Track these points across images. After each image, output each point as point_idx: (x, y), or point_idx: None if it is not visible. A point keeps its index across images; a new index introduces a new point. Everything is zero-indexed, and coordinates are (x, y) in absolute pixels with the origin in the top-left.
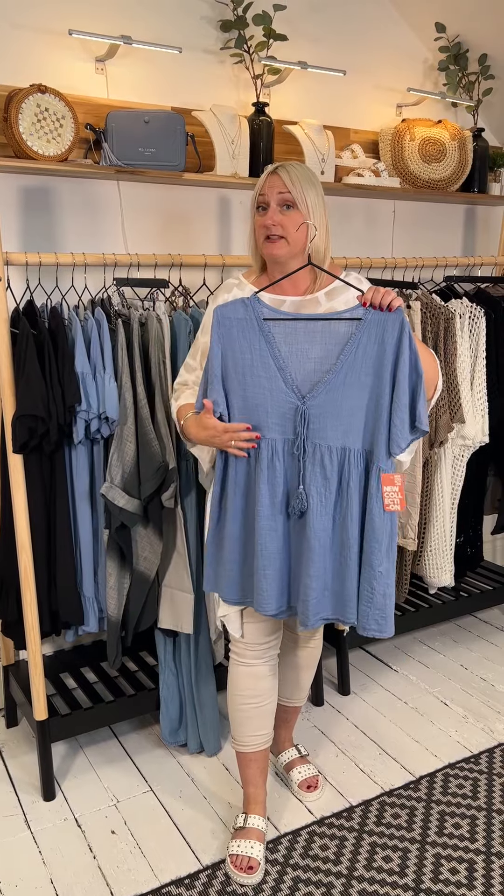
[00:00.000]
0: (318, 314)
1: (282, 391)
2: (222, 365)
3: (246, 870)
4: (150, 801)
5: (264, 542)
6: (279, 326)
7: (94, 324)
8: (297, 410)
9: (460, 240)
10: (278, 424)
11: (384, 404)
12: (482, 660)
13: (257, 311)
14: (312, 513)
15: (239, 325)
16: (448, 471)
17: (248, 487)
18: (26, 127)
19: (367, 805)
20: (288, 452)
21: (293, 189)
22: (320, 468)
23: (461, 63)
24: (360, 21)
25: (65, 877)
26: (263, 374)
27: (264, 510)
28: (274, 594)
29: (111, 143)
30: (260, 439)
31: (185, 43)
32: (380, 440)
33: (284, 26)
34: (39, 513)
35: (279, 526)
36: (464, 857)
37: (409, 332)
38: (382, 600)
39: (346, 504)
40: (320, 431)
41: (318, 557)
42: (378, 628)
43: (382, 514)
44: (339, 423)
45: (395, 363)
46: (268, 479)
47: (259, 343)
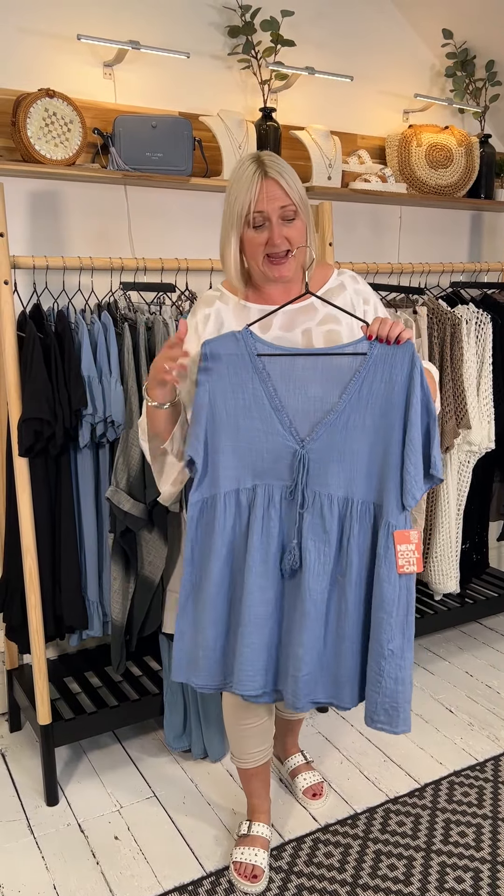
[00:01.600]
0: (319, 350)
1: (278, 433)
2: (210, 408)
3: (250, 878)
4: (154, 806)
5: (252, 604)
6: (275, 362)
7: (100, 328)
8: (295, 455)
9: (466, 245)
10: (275, 470)
11: (394, 451)
12: (488, 667)
13: (250, 346)
14: (309, 571)
15: (229, 363)
16: (454, 477)
17: (235, 544)
18: (34, 131)
19: (371, 812)
20: (286, 501)
21: (293, 195)
22: (319, 519)
23: (468, 69)
24: (367, 27)
25: (68, 883)
26: (257, 416)
27: (256, 566)
28: (259, 669)
29: (119, 147)
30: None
31: (192, 48)
32: (389, 492)
33: (292, 32)
34: (44, 516)
35: (271, 585)
36: (469, 866)
37: (421, 369)
38: (393, 686)
39: (346, 565)
40: (321, 478)
41: (312, 624)
42: (388, 721)
43: (394, 580)
44: (341, 469)
45: (405, 404)
46: (262, 530)
47: (252, 382)
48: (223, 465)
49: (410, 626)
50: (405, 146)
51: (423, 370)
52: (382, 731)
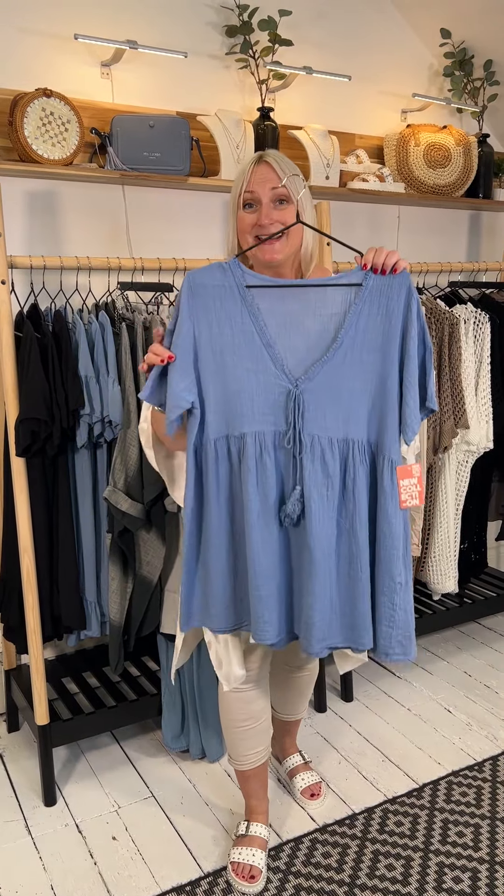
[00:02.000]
0: (312, 280)
1: (270, 373)
2: (195, 343)
3: (248, 878)
4: (152, 807)
5: (256, 558)
6: (265, 295)
7: (97, 327)
8: (289, 395)
9: (465, 245)
10: (267, 414)
11: (391, 386)
12: (486, 667)
13: (238, 277)
14: (313, 518)
15: (216, 294)
16: (452, 476)
17: (234, 492)
18: (31, 131)
19: (369, 812)
20: (280, 447)
21: (286, 179)
22: (321, 464)
23: (466, 69)
24: (365, 27)
25: (65, 883)
26: (247, 353)
27: (254, 518)
28: (273, 619)
29: (116, 147)
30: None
31: (190, 48)
32: (388, 428)
33: (290, 32)
34: (42, 516)
35: (273, 537)
36: (467, 866)
37: (418, 299)
38: (405, 617)
39: (353, 507)
40: (318, 420)
41: (321, 571)
42: (402, 651)
43: (398, 514)
44: (339, 410)
45: (402, 336)
46: (257, 480)
47: (241, 315)
48: (211, 409)
49: (409, 557)
50: (403, 146)
51: (419, 300)
52: (397, 661)
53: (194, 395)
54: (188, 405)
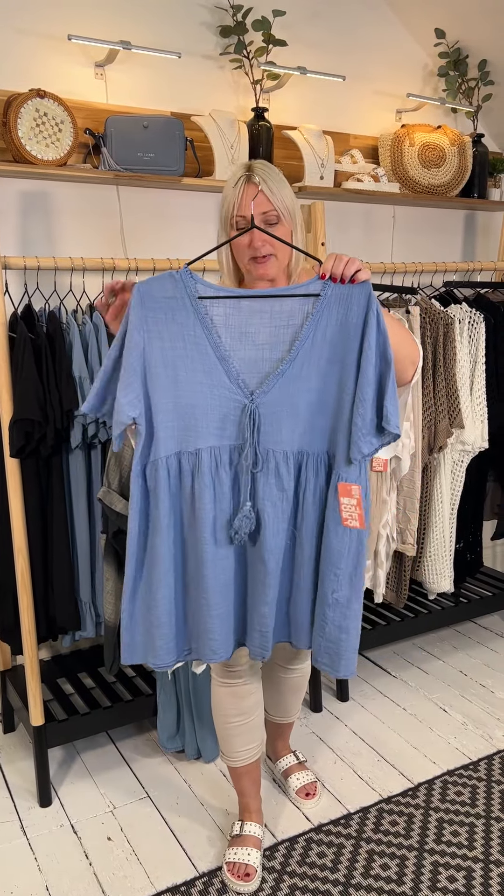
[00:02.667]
0: (267, 291)
1: (225, 387)
2: (143, 357)
3: (242, 877)
4: (147, 807)
5: (212, 575)
6: (218, 306)
7: (91, 328)
8: (244, 410)
9: (460, 245)
10: (221, 429)
11: (347, 399)
12: (482, 666)
13: (190, 288)
14: (267, 531)
15: (167, 306)
16: (447, 476)
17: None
18: (25, 131)
19: (364, 812)
20: (235, 462)
21: (276, 201)
22: (275, 479)
23: (461, 69)
24: (359, 26)
25: (60, 884)
26: (200, 367)
27: (208, 535)
28: (227, 635)
29: (110, 147)
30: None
31: (184, 48)
32: (339, 443)
33: (284, 32)
34: (36, 517)
35: (229, 553)
36: (462, 865)
37: (378, 310)
38: (336, 633)
39: (301, 518)
40: (274, 434)
41: (275, 581)
42: (330, 664)
43: (340, 532)
44: (296, 423)
45: (360, 348)
46: (214, 496)
47: (193, 328)
48: (163, 425)
49: (359, 578)
50: (398, 146)
51: (380, 312)
52: (326, 671)
53: (137, 412)
54: (129, 420)
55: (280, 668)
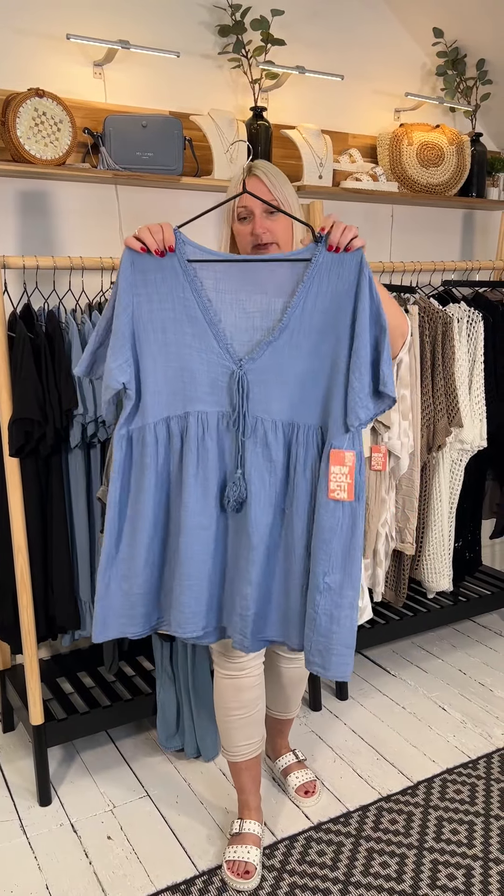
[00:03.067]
0: (258, 256)
1: (214, 352)
2: (132, 321)
3: (242, 875)
4: (147, 806)
5: (189, 544)
6: (208, 270)
7: (91, 327)
8: (232, 376)
9: (458, 244)
10: (210, 394)
11: (341, 367)
12: (481, 665)
13: (179, 251)
14: (254, 503)
15: (157, 269)
16: (446, 475)
17: (171, 478)
18: (24, 131)
19: (364, 810)
20: (223, 429)
21: (276, 191)
22: (263, 448)
23: (459, 68)
24: (357, 26)
25: (60, 882)
26: (189, 331)
27: (191, 502)
28: (199, 609)
29: (109, 147)
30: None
31: (183, 47)
32: (332, 413)
33: (282, 31)
34: (36, 516)
35: (211, 523)
36: (461, 863)
37: (370, 277)
38: (327, 624)
39: (293, 494)
40: (262, 403)
41: (259, 559)
42: (321, 663)
43: (331, 507)
44: (285, 393)
45: (353, 315)
46: (198, 462)
47: (183, 291)
48: (151, 389)
49: (354, 564)
50: (396, 145)
51: (371, 277)
52: (318, 674)
53: (127, 376)
54: (119, 385)
55: (280, 657)
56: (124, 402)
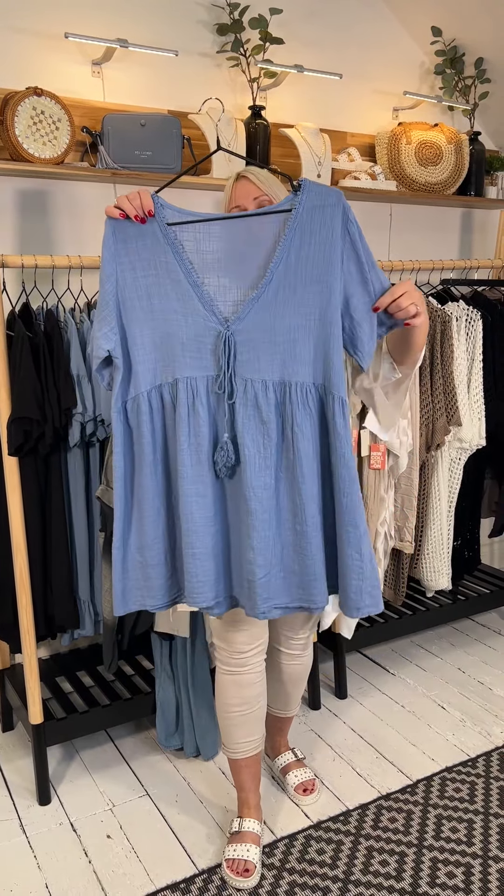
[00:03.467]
0: (236, 214)
1: (199, 314)
2: (117, 288)
3: (242, 873)
4: (146, 805)
5: (189, 512)
6: (188, 232)
7: (89, 326)
8: (219, 337)
9: (457, 243)
10: (197, 359)
11: (333, 318)
12: (480, 663)
13: (159, 215)
14: (248, 467)
15: (138, 236)
16: (445, 474)
17: (168, 446)
18: (22, 129)
19: (363, 809)
20: (212, 393)
21: (267, 189)
22: (254, 410)
23: (457, 67)
24: (356, 25)
25: (60, 881)
26: (174, 295)
27: (186, 470)
28: (208, 579)
29: (107, 145)
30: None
31: (181, 46)
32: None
33: (280, 30)
34: (35, 516)
35: (207, 490)
36: (461, 861)
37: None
38: (371, 567)
39: (293, 455)
40: (251, 363)
41: (260, 524)
42: (373, 602)
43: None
44: (275, 351)
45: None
46: (189, 429)
47: (164, 255)
48: (141, 357)
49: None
50: (395, 144)
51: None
52: (368, 614)
53: (112, 343)
54: (104, 353)
55: (282, 653)
56: (114, 374)
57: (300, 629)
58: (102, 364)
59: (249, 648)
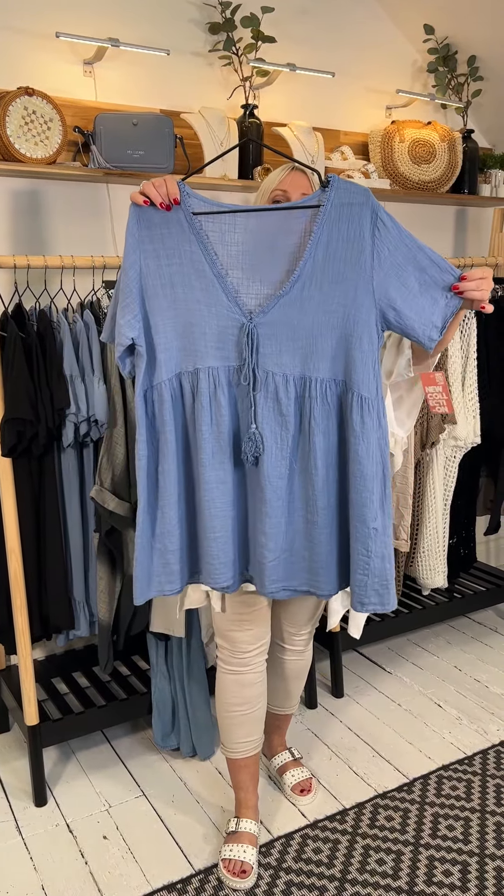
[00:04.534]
0: (264, 206)
1: (223, 305)
2: (140, 276)
3: (238, 874)
4: (143, 805)
5: (211, 498)
6: (214, 223)
7: (82, 326)
8: (242, 329)
9: (451, 241)
10: (219, 349)
11: (358, 317)
12: (476, 661)
13: (185, 203)
14: (266, 458)
15: (163, 224)
16: (440, 472)
17: (188, 434)
18: (14, 129)
19: (360, 808)
20: (234, 383)
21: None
22: (274, 402)
23: (450, 65)
24: (348, 23)
25: (56, 883)
26: (198, 284)
27: (207, 457)
28: (228, 561)
29: (100, 145)
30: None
31: (173, 45)
32: (356, 362)
33: (272, 28)
34: (29, 517)
35: (228, 476)
36: (457, 859)
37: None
38: (381, 564)
39: (309, 447)
40: (273, 356)
41: (273, 511)
42: (379, 601)
43: (373, 456)
44: (297, 347)
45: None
46: (211, 418)
47: (189, 244)
48: (163, 346)
49: (388, 500)
50: (388, 142)
51: (384, 212)
52: (374, 611)
53: (136, 331)
54: (129, 341)
55: (283, 649)
56: (137, 362)
57: (303, 625)
58: (126, 352)
59: (252, 648)
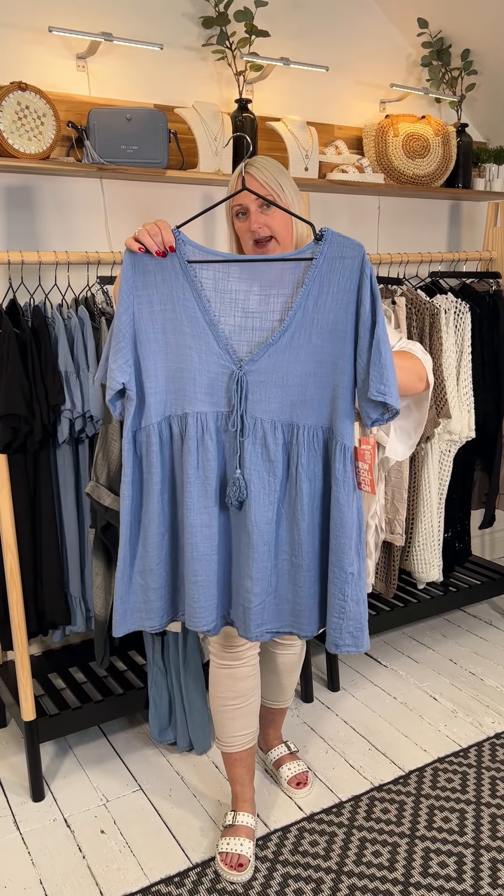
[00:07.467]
0: (258, 257)
1: (213, 352)
2: (133, 321)
3: (235, 867)
4: (140, 800)
5: (195, 542)
6: (208, 270)
7: (77, 322)
8: (231, 377)
9: (445, 235)
10: (209, 395)
11: (344, 368)
12: (471, 654)
13: (179, 251)
14: (254, 502)
15: (157, 270)
16: (435, 466)
17: (175, 476)
18: (7, 125)
19: (356, 800)
20: (222, 429)
21: (269, 185)
22: (262, 448)
23: (444, 58)
24: (342, 17)
25: (54, 877)
26: (189, 331)
27: (193, 501)
28: (210, 604)
29: (93, 140)
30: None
31: (166, 40)
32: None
33: (266, 22)
34: (24, 512)
35: (213, 521)
36: (453, 851)
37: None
38: (356, 608)
39: (295, 493)
40: (262, 403)
41: (260, 556)
42: (354, 643)
43: (352, 504)
44: (285, 394)
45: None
46: (198, 462)
47: (183, 291)
48: (153, 389)
49: (363, 545)
50: (382, 136)
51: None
52: (348, 653)
53: (127, 377)
54: (119, 386)
55: (276, 644)
56: (126, 405)
57: (287, 637)
58: (116, 395)
59: (244, 642)
